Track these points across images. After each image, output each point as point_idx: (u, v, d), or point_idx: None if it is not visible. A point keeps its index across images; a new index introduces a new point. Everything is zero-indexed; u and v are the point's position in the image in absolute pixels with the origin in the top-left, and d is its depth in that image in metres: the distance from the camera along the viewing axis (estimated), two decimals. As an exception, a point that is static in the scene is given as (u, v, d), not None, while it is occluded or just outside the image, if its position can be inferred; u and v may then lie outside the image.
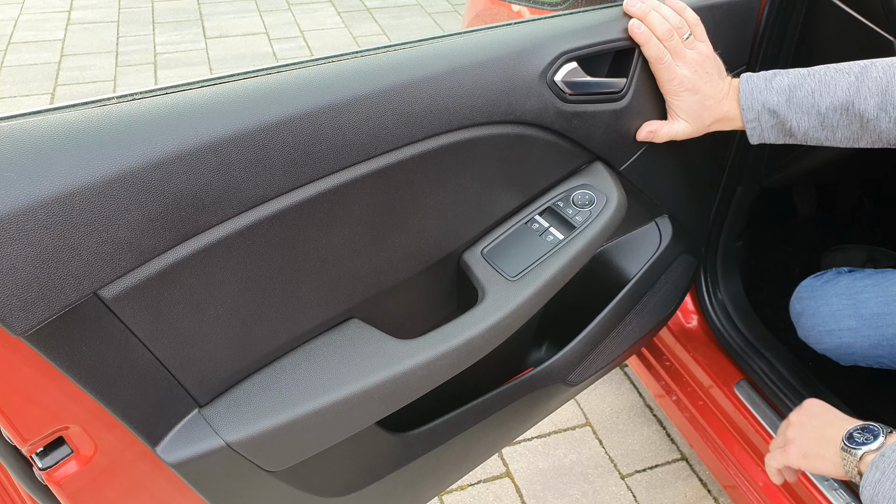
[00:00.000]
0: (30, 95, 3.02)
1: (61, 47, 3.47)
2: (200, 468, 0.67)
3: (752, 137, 0.87)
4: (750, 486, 1.19)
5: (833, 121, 0.82)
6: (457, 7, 4.12)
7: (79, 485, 0.64)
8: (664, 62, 0.83)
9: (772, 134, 0.86)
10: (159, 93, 0.59)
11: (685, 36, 0.84)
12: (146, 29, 3.71)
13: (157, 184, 0.55)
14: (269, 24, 3.82)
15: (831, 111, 0.81)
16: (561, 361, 1.02)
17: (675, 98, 0.86)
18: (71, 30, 3.66)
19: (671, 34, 0.82)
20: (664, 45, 0.82)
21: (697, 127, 0.88)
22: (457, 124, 0.72)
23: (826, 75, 0.82)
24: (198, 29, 3.73)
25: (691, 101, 0.85)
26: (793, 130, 0.84)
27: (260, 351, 0.70)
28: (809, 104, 0.82)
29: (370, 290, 0.78)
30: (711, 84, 0.85)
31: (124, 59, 3.39)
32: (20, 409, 0.57)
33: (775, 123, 0.84)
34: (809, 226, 1.69)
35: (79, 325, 0.55)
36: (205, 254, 0.60)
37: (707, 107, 0.86)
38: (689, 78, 0.84)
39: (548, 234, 0.84)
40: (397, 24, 3.90)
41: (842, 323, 1.06)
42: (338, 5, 4.11)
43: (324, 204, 0.66)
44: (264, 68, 0.64)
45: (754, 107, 0.85)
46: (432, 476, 0.98)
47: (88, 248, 0.53)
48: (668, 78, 0.84)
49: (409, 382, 0.75)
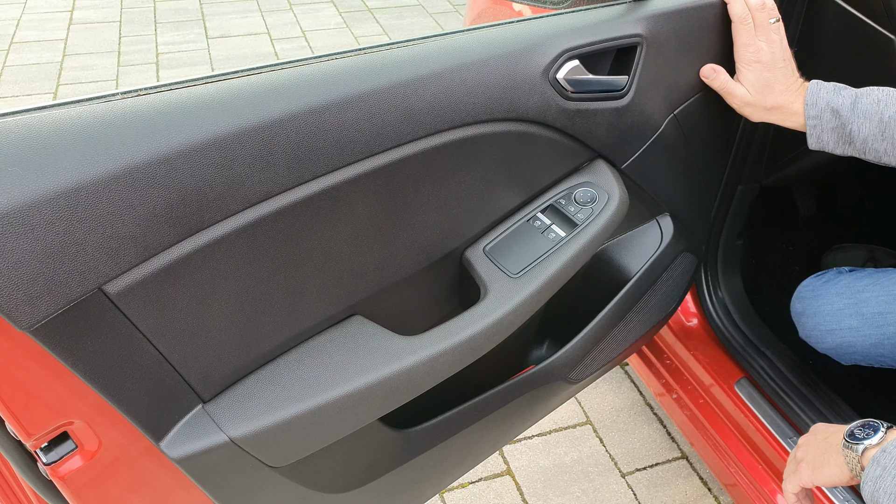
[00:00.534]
0: (32, 95, 3.03)
1: (63, 47, 3.47)
2: (204, 463, 0.67)
3: (811, 138, 0.87)
4: (750, 484, 1.19)
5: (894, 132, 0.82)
6: (458, 7, 4.12)
7: (83, 480, 0.64)
8: (747, 23, 0.86)
9: (832, 137, 0.87)
10: (163, 89, 0.59)
11: (772, 20, 0.86)
12: (148, 29, 3.71)
13: (162, 180, 0.55)
14: (270, 25, 3.82)
15: (893, 121, 0.82)
16: (562, 359, 1.02)
17: (746, 67, 0.88)
18: (73, 29, 3.67)
19: (763, 6, 0.86)
20: (755, 15, 0.86)
21: (757, 101, 0.89)
22: (459, 121, 0.73)
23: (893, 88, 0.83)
24: (199, 29, 3.73)
25: (760, 76, 0.87)
26: (853, 135, 0.85)
27: (263, 347, 0.71)
28: (873, 111, 0.83)
29: (373, 286, 0.78)
30: (783, 71, 0.87)
31: (126, 58, 3.39)
32: (25, 405, 0.57)
33: (836, 125, 0.85)
34: (809, 225, 1.69)
35: (83, 320, 0.55)
36: (209, 250, 0.60)
37: (773, 90, 0.87)
38: (766, 51, 0.86)
39: (550, 232, 0.84)
40: (398, 24, 3.90)
41: (843, 322, 1.07)
42: (339, 6, 4.11)
43: (327, 200, 0.67)
44: (268, 65, 0.64)
45: (818, 104, 0.86)
46: (434, 473, 0.99)
47: (93, 243, 0.53)
48: (747, 42, 0.86)
49: (411, 379, 0.75)
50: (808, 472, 0.80)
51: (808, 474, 0.80)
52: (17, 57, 3.34)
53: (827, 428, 0.83)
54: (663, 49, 0.87)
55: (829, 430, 0.82)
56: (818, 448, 0.81)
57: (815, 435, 0.84)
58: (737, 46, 0.88)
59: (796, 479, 0.81)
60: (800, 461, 0.82)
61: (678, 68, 0.91)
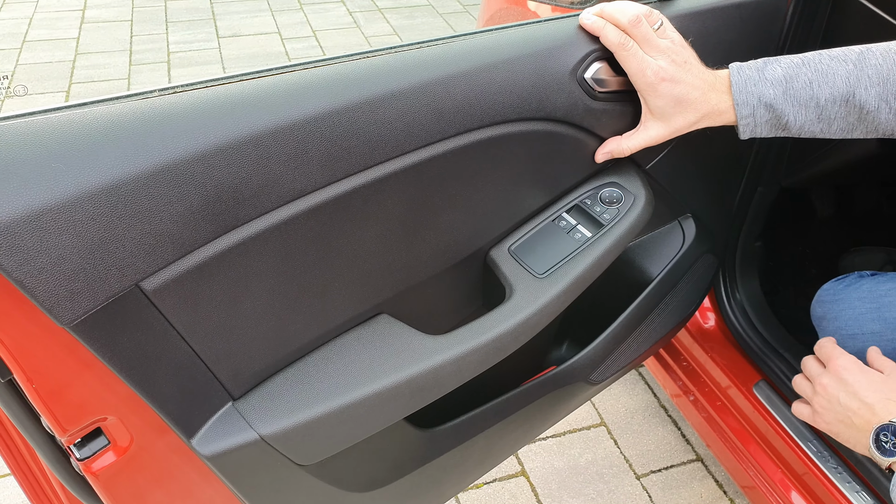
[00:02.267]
0: (45, 93, 3.04)
1: (76, 46, 3.48)
2: (234, 461, 0.67)
3: (744, 133, 0.79)
4: (769, 487, 1.19)
5: (831, 113, 0.76)
6: (468, 8, 4.12)
7: (114, 475, 0.65)
8: (629, 49, 0.74)
9: (765, 129, 0.79)
10: (200, 86, 0.59)
11: (656, 25, 0.76)
12: (159, 28, 3.72)
13: (199, 177, 0.55)
14: (281, 24, 3.83)
15: (830, 103, 0.75)
16: (584, 360, 1.02)
17: (652, 92, 0.76)
18: (85, 28, 3.68)
19: (639, 21, 0.74)
20: (632, 32, 0.75)
21: (675, 127, 0.79)
22: (488, 120, 0.73)
23: (822, 63, 0.76)
24: (210, 28, 3.74)
25: (671, 96, 0.76)
26: (788, 125, 0.78)
27: (292, 345, 0.71)
28: (808, 96, 0.76)
29: (399, 285, 0.78)
30: (693, 73, 0.76)
31: (138, 57, 3.40)
32: (61, 400, 0.58)
33: (770, 118, 0.77)
34: (828, 227, 1.68)
35: (120, 316, 0.55)
36: (243, 247, 0.60)
37: (691, 101, 0.76)
38: (666, 66, 0.75)
39: (576, 232, 0.84)
40: (409, 24, 3.90)
41: (865, 327, 1.06)
42: (349, 5, 4.11)
43: (358, 199, 0.67)
44: (301, 62, 0.65)
45: (749, 101, 0.76)
46: (455, 472, 0.99)
47: (132, 239, 0.53)
48: (640, 68, 0.75)
49: (438, 378, 0.75)
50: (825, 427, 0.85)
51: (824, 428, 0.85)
52: (29, 55, 3.36)
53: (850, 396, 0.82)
54: None
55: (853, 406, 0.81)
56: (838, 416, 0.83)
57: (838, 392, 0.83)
58: (632, 77, 0.76)
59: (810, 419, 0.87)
60: (816, 412, 0.86)
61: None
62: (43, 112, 0.53)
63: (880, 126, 0.76)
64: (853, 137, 0.79)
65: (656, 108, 0.77)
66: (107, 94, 0.56)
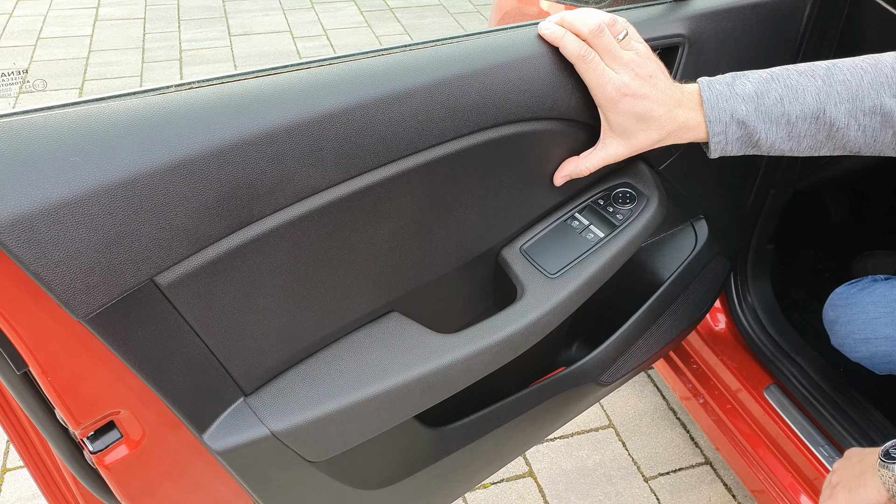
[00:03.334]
0: (59, 90, 3.06)
1: (89, 43, 3.51)
2: (245, 456, 0.67)
3: (715, 151, 0.75)
4: (779, 492, 1.18)
5: (801, 130, 0.73)
6: (479, 8, 4.12)
7: (126, 469, 0.65)
8: (589, 61, 0.70)
9: (735, 146, 0.75)
10: (216, 82, 0.59)
11: (621, 35, 0.72)
12: (172, 26, 3.74)
13: (215, 172, 0.55)
14: (292, 23, 3.84)
15: (801, 120, 0.73)
16: (594, 361, 1.02)
17: (612, 108, 0.72)
18: (98, 26, 3.70)
19: (601, 31, 0.70)
20: (594, 43, 0.70)
21: (637, 145, 0.74)
22: (502, 119, 0.72)
23: (790, 79, 0.73)
24: (222, 26, 3.76)
25: (632, 113, 0.71)
26: (759, 142, 0.74)
27: (304, 342, 0.71)
28: (779, 113, 0.72)
29: (411, 283, 0.78)
30: (658, 88, 0.71)
31: (150, 55, 3.42)
32: (75, 393, 0.58)
33: (742, 135, 0.74)
34: (840, 230, 1.67)
35: (135, 310, 0.56)
36: (257, 243, 0.61)
37: (655, 118, 0.72)
38: (629, 83, 0.70)
39: (588, 232, 0.84)
40: (420, 24, 3.90)
41: (878, 331, 1.05)
42: (360, 5, 4.12)
43: (371, 197, 0.67)
44: (316, 60, 0.65)
45: (722, 118, 0.73)
46: (464, 471, 0.98)
47: (148, 233, 0.53)
48: (601, 82, 0.70)
49: (449, 376, 0.75)
50: (845, 495, 0.79)
51: (844, 498, 0.79)
52: (44, 52, 3.38)
53: (861, 451, 0.83)
54: (704, 50, 0.87)
55: (864, 452, 0.82)
56: (853, 471, 0.80)
57: (850, 458, 0.83)
58: (592, 91, 0.72)
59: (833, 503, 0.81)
60: (835, 486, 0.81)
61: (718, 70, 0.89)
62: (61, 107, 0.53)
63: (848, 143, 0.74)
64: (820, 155, 0.76)
65: (617, 124, 0.73)
66: (119, 90, 0.57)
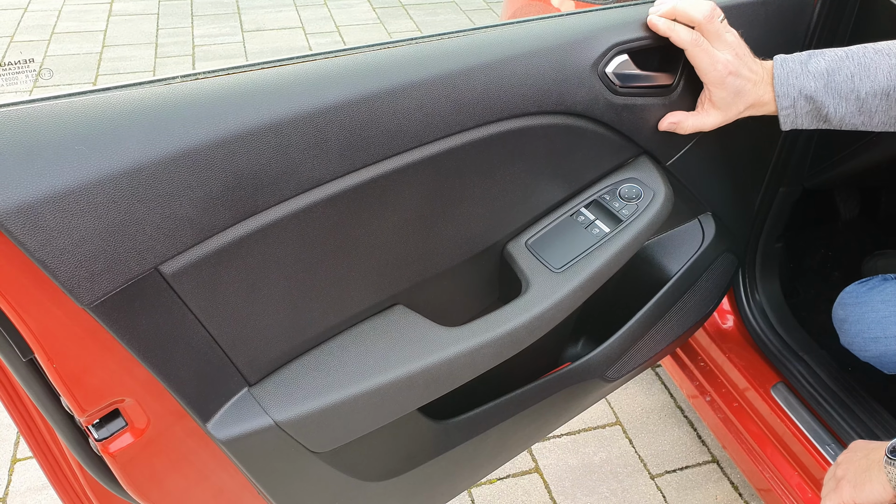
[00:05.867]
0: (72, 84, 3.08)
1: (103, 38, 3.53)
2: (248, 446, 0.68)
3: (785, 124, 0.82)
4: (785, 490, 1.18)
5: (872, 106, 0.78)
6: (491, 4, 4.11)
7: (131, 457, 0.66)
8: (702, 45, 0.78)
9: (805, 120, 0.81)
10: (222, 73, 0.60)
11: (720, 19, 0.79)
12: (185, 21, 3.76)
13: (220, 162, 0.56)
14: (305, 19, 3.85)
15: (871, 96, 0.77)
16: (600, 357, 1.02)
17: (720, 85, 0.80)
18: (112, 21, 3.73)
19: (713, 16, 0.77)
20: (706, 28, 0.78)
21: (728, 116, 0.83)
22: (508, 113, 0.72)
23: (865, 57, 0.78)
24: (235, 22, 3.77)
25: (733, 87, 0.79)
26: (829, 116, 0.80)
27: (308, 333, 0.71)
28: (848, 89, 0.78)
29: (416, 276, 0.78)
30: (748, 66, 0.79)
31: (163, 50, 3.44)
32: (81, 380, 0.59)
33: (811, 109, 0.80)
34: (850, 229, 1.66)
35: (139, 298, 0.56)
36: (261, 234, 0.61)
37: (745, 92, 0.80)
38: (732, 62, 0.78)
39: (594, 227, 0.84)
40: (432, 20, 3.90)
41: (888, 330, 1.04)
42: (373, 1, 4.12)
43: (376, 189, 0.67)
44: (323, 52, 0.65)
45: (790, 93, 0.79)
46: (468, 465, 0.99)
47: (152, 222, 0.54)
48: (712, 62, 0.78)
49: (452, 370, 0.76)
50: (850, 489, 0.78)
51: (849, 492, 0.78)
52: (57, 47, 3.41)
53: (867, 444, 0.82)
54: None
55: (870, 446, 0.81)
56: (859, 465, 0.79)
57: (855, 452, 0.82)
58: (702, 72, 0.80)
59: (837, 497, 0.80)
60: (840, 479, 0.81)
61: None
62: (67, 96, 0.53)
63: None
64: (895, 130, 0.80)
65: (719, 98, 0.81)
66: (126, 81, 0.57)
